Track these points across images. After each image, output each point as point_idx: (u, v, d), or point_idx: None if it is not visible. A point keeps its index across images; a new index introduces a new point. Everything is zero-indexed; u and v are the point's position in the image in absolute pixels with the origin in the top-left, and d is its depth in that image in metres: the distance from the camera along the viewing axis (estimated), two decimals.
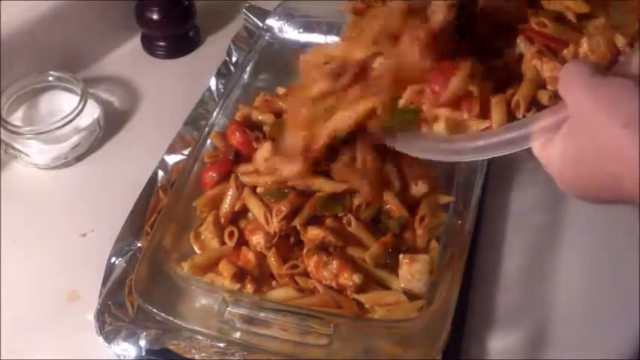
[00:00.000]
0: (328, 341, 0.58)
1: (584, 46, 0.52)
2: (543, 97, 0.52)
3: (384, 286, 0.64)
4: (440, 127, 0.54)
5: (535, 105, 0.51)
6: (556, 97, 0.48)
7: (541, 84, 0.52)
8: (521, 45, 0.55)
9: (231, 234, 0.67)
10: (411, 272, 0.62)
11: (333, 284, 0.62)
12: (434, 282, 0.62)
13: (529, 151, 0.50)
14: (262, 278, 0.64)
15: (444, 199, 0.67)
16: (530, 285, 0.68)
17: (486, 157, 0.52)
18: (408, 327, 0.59)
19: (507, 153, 0.50)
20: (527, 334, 0.65)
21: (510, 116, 0.52)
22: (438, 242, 0.66)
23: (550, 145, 0.47)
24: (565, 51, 0.53)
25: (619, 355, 0.63)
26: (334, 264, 0.62)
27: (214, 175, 0.69)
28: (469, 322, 0.65)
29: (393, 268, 0.63)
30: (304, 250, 0.64)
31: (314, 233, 0.63)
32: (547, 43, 0.54)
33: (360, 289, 0.62)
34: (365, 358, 0.59)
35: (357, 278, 0.61)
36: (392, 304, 0.62)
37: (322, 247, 0.63)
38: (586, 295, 0.67)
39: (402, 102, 0.56)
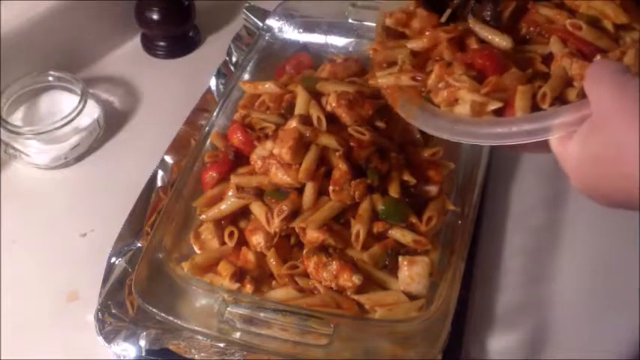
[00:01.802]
0: (328, 341, 0.58)
1: (629, 58, 0.51)
2: (571, 94, 0.51)
3: (384, 288, 0.63)
4: (462, 110, 0.53)
5: (561, 101, 0.50)
6: (583, 96, 0.48)
7: (569, 81, 0.51)
8: (554, 45, 0.54)
9: (231, 234, 0.66)
10: (411, 275, 0.62)
11: (333, 285, 0.62)
12: (434, 282, 0.62)
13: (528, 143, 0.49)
14: (262, 278, 0.64)
15: (449, 205, 0.67)
16: (530, 285, 0.68)
17: (503, 144, 0.51)
18: (408, 327, 0.59)
19: (524, 142, 0.50)
20: (527, 334, 0.65)
21: (534, 108, 0.51)
22: (438, 242, 0.66)
23: (568, 140, 0.46)
24: (598, 56, 0.51)
25: (619, 356, 0.63)
26: (334, 265, 0.62)
27: (214, 174, 0.69)
28: (469, 322, 0.65)
29: (393, 269, 0.63)
30: (304, 251, 0.64)
31: (314, 236, 0.63)
32: (580, 47, 0.53)
33: (360, 290, 0.62)
34: (365, 358, 0.59)
35: (356, 279, 0.61)
36: (392, 304, 0.62)
37: (322, 248, 0.63)
38: (586, 295, 0.67)
39: (432, 77, 0.56)
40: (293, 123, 0.66)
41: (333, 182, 0.64)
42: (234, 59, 0.88)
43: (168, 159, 0.77)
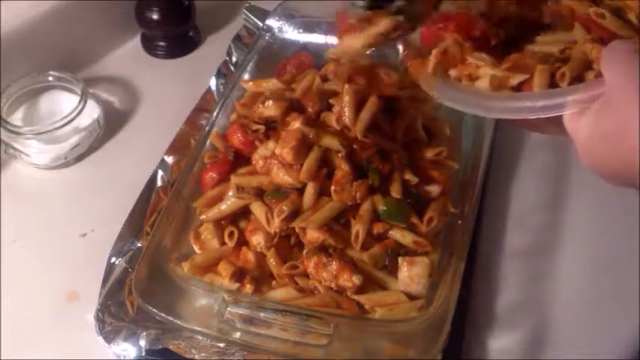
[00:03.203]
0: (328, 341, 0.58)
1: None
2: (589, 76, 0.51)
3: (384, 288, 0.63)
4: (482, 84, 0.54)
5: (579, 82, 0.51)
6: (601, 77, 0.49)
7: (588, 65, 0.52)
8: (577, 31, 0.55)
9: (231, 234, 0.66)
10: (410, 275, 0.62)
11: (333, 285, 0.62)
12: (434, 282, 0.62)
13: (539, 120, 0.50)
14: (262, 278, 0.64)
15: (451, 207, 0.67)
16: (530, 285, 0.68)
17: (518, 117, 0.52)
18: (408, 327, 0.59)
19: (538, 117, 0.50)
20: (527, 334, 0.65)
21: (552, 87, 0.52)
22: (438, 242, 0.66)
23: (581, 116, 0.47)
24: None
25: (619, 356, 0.63)
26: (334, 265, 0.62)
27: (214, 175, 0.69)
28: (469, 322, 0.65)
29: (392, 270, 0.63)
30: (304, 251, 0.64)
31: (314, 236, 0.63)
32: (602, 35, 0.53)
33: (360, 290, 0.62)
34: (365, 358, 0.59)
35: (357, 279, 0.61)
36: (392, 304, 0.62)
37: (322, 248, 0.63)
38: (586, 295, 0.67)
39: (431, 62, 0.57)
40: (296, 124, 0.66)
41: (335, 183, 0.64)
42: (234, 59, 0.89)
43: (168, 159, 0.77)
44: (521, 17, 0.60)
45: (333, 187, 0.64)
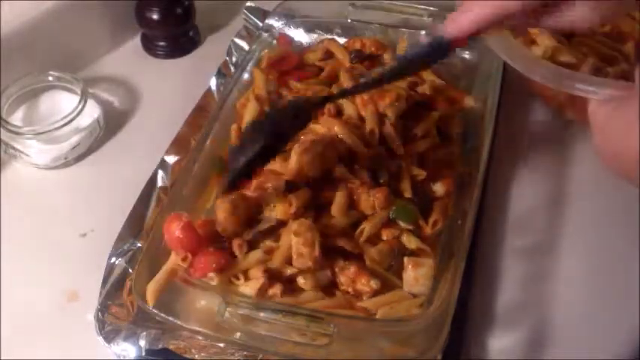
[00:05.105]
0: (328, 341, 0.58)
1: None
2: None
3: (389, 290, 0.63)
4: (536, 51, 0.61)
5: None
6: None
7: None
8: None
9: (240, 245, 0.64)
10: (416, 276, 0.62)
11: (350, 289, 0.62)
12: (434, 282, 0.62)
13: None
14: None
15: (452, 210, 0.67)
16: (530, 285, 0.68)
17: (551, 86, 0.56)
18: (408, 326, 0.59)
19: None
20: (527, 334, 0.65)
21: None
22: (438, 242, 0.66)
23: (604, 104, 0.51)
24: None
25: (618, 356, 0.63)
26: (351, 269, 0.62)
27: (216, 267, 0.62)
28: (469, 322, 0.65)
29: (397, 271, 0.63)
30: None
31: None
32: None
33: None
34: (365, 358, 0.59)
35: (374, 284, 0.61)
36: (393, 301, 0.62)
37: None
38: (586, 296, 0.67)
39: None
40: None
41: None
42: (234, 59, 0.88)
43: (169, 159, 0.77)
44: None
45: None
